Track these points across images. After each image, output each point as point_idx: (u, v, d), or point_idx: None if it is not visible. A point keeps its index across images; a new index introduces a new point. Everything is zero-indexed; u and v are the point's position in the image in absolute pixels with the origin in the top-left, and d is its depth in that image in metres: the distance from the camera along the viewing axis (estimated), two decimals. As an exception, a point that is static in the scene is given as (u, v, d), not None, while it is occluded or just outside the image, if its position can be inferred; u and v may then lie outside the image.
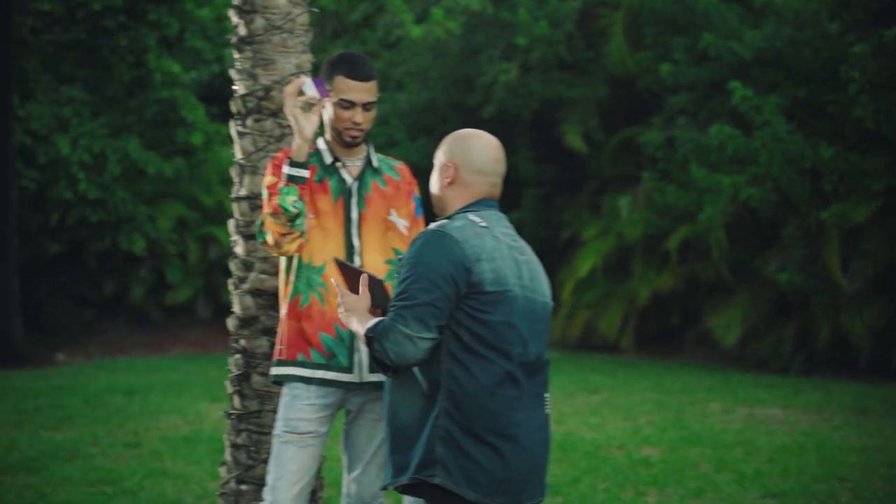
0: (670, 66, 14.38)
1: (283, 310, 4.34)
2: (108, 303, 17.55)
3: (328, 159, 4.37)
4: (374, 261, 4.28)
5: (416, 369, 3.49)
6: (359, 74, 4.29)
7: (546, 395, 3.63)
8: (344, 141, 4.34)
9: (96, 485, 7.56)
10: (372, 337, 3.48)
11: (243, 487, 4.99)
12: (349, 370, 4.26)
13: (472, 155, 3.62)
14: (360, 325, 3.57)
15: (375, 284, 3.72)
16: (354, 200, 4.31)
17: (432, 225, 3.54)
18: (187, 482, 7.57)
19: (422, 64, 18.19)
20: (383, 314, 3.61)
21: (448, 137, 3.70)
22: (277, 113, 4.99)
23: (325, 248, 4.26)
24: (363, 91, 4.28)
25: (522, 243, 3.65)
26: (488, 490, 3.42)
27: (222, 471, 5.15)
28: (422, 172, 16.42)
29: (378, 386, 4.25)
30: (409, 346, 3.38)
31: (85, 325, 17.01)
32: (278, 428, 4.30)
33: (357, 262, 4.27)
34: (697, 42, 14.23)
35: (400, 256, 3.66)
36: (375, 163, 4.39)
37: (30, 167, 15.79)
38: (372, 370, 4.25)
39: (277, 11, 5.10)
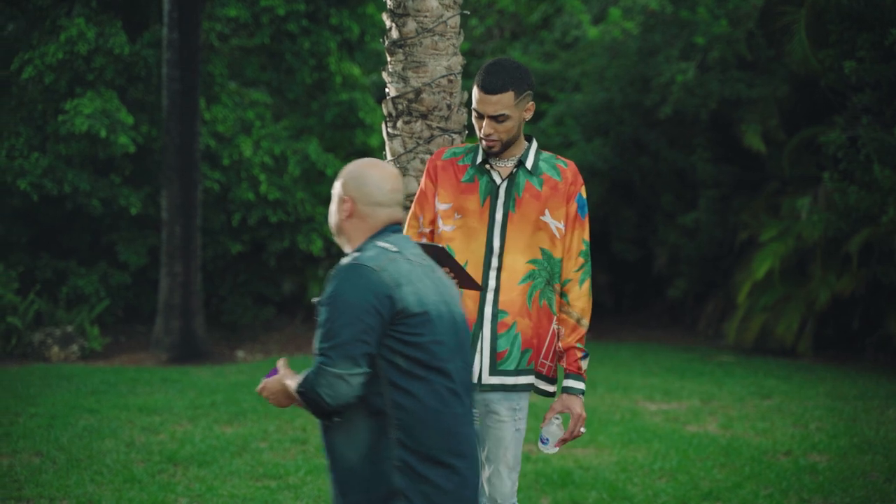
0: (854, 63, 13.92)
1: None
2: (287, 301, 17.97)
3: (479, 159, 4.39)
4: (515, 261, 4.26)
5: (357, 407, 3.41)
6: (486, 87, 4.26)
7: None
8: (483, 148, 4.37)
9: (262, 479, 7.75)
10: (304, 390, 3.38)
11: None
12: None
13: (368, 188, 3.58)
14: (291, 380, 3.48)
15: (448, 259, 3.93)
16: (501, 201, 4.30)
17: (344, 259, 3.45)
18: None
19: (598, 64, 18.10)
20: (460, 286, 3.86)
21: (344, 170, 3.66)
22: (427, 115, 5.03)
23: (468, 248, 4.27)
24: (489, 104, 4.25)
25: (431, 262, 3.65)
26: None
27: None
28: (597, 174, 16.29)
29: (498, 388, 4.26)
30: (342, 386, 3.30)
31: (264, 323, 17.43)
32: None
33: (495, 262, 4.27)
34: (884, 38, 13.75)
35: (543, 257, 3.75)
36: (529, 164, 4.36)
37: (214, 169, 16.27)
38: (492, 373, 4.25)
39: (429, 14, 5.14)
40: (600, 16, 19.15)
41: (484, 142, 4.31)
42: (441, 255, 3.97)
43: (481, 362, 4.27)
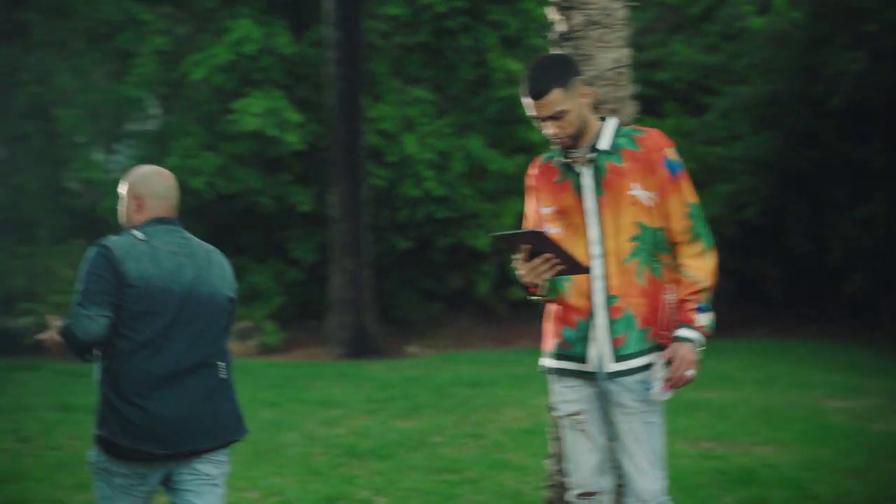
0: None
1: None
2: (455, 297, 18.07)
3: (562, 157, 4.35)
4: (617, 243, 4.20)
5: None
6: (532, 92, 4.21)
7: (205, 365, 4.34)
8: None
9: (440, 473, 7.80)
10: (62, 325, 4.20)
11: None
12: (583, 360, 4.25)
13: (153, 186, 4.48)
14: (59, 322, 4.27)
15: (547, 244, 4.01)
16: (589, 189, 4.27)
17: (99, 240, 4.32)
18: (526, 474, 7.68)
19: (764, 55, 17.72)
20: (568, 272, 4.05)
21: (129, 174, 4.51)
22: (595, 108, 4.98)
23: (574, 245, 4.23)
24: (541, 107, 4.19)
25: (194, 250, 4.40)
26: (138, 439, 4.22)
27: (548, 463, 5.20)
28: (766, 167, 15.83)
29: (624, 374, 4.20)
30: (91, 324, 4.13)
31: (434, 319, 17.56)
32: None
33: (597, 250, 4.24)
34: None
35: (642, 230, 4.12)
36: (606, 144, 4.28)
37: (380, 166, 16.46)
38: (615, 360, 4.21)
39: (596, 7, 5.11)
40: (765, 6, 18.77)
41: (554, 140, 4.27)
42: (540, 241, 4.02)
43: (602, 352, 4.23)
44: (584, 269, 4.14)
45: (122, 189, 4.48)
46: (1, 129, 16.43)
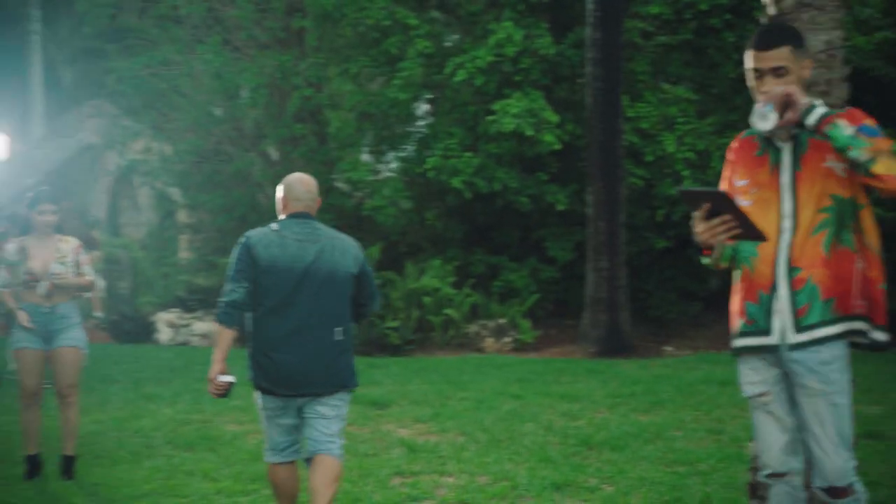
0: None
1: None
2: (714, 297, 17.80)
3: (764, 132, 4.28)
4: (806, 216, 4.14)
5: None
6: (760, 44, 4.19)
7: (321, 328, 5.65)
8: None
9: (671, 465, 7.80)
10: (218, 302, 5.65)
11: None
12: (768, 333, 4.19)
13: (293, 190, 5.82)
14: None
15: (727, 205, 4.01)
16: (787, 164, 4.21)
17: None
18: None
19: None
20: (743, 236, 4.05)
21: (284, 179, 5.88)
22: (805, 90, 4.92)
23: (765, 219, 4.18)
24: (766, 59, 4.16)
25: (319, 237, 5.75)
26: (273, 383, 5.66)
27: (751, 447, 5.23)
28: None
29: (807, 345, 4.12)
30: (235, 293, 5.55)
31: (692, 319, 17.37)
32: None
33: (787, 224, 4.18)
34: None
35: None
36: (812, 121, 4.16)
37: (638, 165, 16.43)
38: (797, 330, 4.12)
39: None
40: None
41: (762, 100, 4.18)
42: (722, 202, 4.03)
43: (785, 323, 4.17)
44: (761, 237, 4.13)
45: (279, 191, 5.85)
46: (275, 132, 17.30)
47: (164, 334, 17.01)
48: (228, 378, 5.57)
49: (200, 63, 17.54)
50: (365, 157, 17.74)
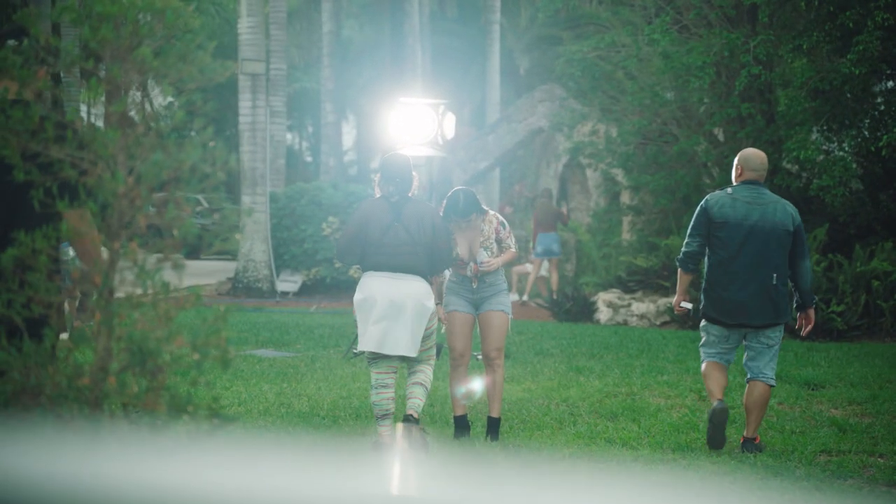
0: None
1: None
2: None
3: None
4: None
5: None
6: None
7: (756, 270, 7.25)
8: None
9: None
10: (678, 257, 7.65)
11: None
12: None
13: (748, 161, 7.39)
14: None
15: None
16: None
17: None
18: None
19: None
20: None
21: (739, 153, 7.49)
22: None
23: None
24: None
25: (765, 200, 7.26)
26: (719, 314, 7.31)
27: None
28: None
29: None
30: (690, 248, 7.43)
31: None
32: None
33: None
34: None
35: None
36: None
37: None
38: None
39: None
40: None
41: None
42: None
43: None
44: None
45: (736, 162, 7.40)
46: (722, 112, 16.87)
47: (603, 314, 17.07)
48: (687, 305, 7.42)
49: (648, 43, 17.42)
50: (814, 136, 16.93)
